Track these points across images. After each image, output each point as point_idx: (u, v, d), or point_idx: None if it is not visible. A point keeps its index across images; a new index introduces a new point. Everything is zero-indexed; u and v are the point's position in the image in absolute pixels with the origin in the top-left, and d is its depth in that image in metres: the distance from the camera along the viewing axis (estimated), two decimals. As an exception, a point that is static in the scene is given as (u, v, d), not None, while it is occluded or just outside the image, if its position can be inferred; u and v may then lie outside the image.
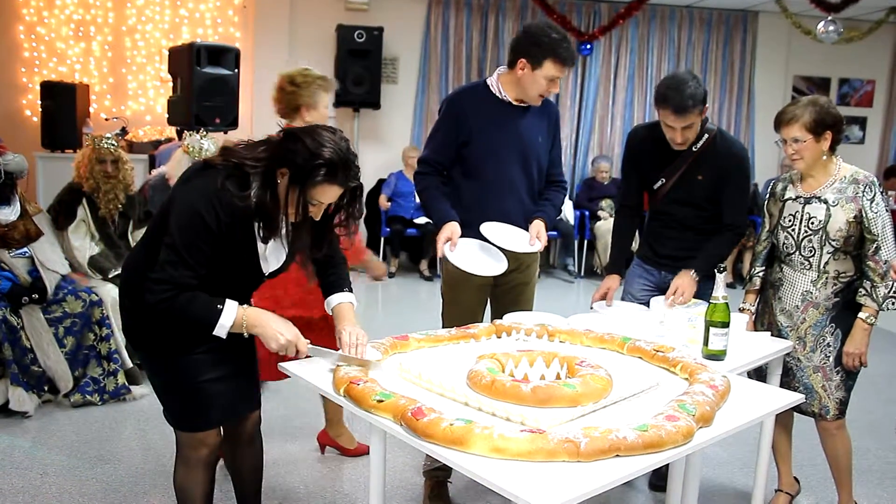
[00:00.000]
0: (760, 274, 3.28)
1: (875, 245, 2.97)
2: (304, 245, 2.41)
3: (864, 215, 2.99)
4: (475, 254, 3.13)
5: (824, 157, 3.04)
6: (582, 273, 8.68)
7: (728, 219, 3.28)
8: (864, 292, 3.01)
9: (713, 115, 9.24)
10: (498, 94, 3.22)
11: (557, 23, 8.33)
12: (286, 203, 2.26)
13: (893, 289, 2.92)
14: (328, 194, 2.27)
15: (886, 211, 3.00)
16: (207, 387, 2.39)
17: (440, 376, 2.18)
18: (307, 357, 2.38)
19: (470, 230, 3.17)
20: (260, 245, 2.37)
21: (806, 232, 3.07)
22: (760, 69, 9.52)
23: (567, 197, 8.64)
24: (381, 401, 2.02)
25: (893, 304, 2.98)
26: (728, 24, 9.35)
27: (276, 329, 2.29)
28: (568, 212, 8.54)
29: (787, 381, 3.13)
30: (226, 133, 5.71)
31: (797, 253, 3.10)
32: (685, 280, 3.11)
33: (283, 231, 2.32)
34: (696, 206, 3.30)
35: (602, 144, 9.14)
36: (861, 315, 3.02)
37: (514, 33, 8.72)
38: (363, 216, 2.52)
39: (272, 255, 2.42)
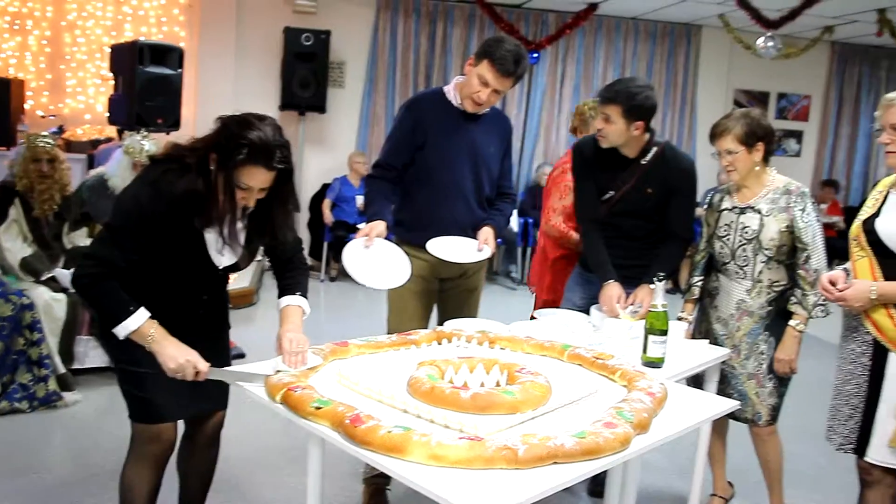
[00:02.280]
0: (699, 283, 3.33)
1: (806, 254, 3.04)
2: (239, 235, 2.39)
3: (795, 225, 3.05)
4: (382, 261, 3.04)
5: (757, 169, 3.11)
6: (525, 280, 8.70)
7: (676, 229, 3.32)
8: (794, 300, 3.08)
9: (657, 127, 9.35)
10: (453, 102, 3.22)
11: (505, 31, 8.46)
12: (216, 189, 2.25)
13: (822, 297, 2.95)
14: (254, 177, 2.25)
15: (817, 221, 3.07)
16: (161, 379, 2.33)
17: (379, 383, 2.16)
18: (211, 377, 2.33)
19: (419, 234, 3.17)
20: (209, 237, 2.36)
21: (740, 241, 3.13)
22: (703, 82, 9.70)
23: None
24: (320, 408, 1.99)
25: (823, 311, 3.04)
26: (672, 36, 9.51)
27: (172, 351, 2.26)
28: (512, 219, 8.57)
29: (723, 388, 3.17)
30: (168, 134, 5.60)
31: (732, 262, 3.16)
32: (645, 291, 3.14)
33: (222, 221, 2.31)
34: (644, 218, 3.33)
35: (547, 152, 9.21)
36: (791, 323, 3.09)
37: (462, 41, 8.77)
38: (299, 209, 2.51)
39: (226, 249, 2.39)
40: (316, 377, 2.30)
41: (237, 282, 6.19)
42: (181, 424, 2.64)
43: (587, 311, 3.22)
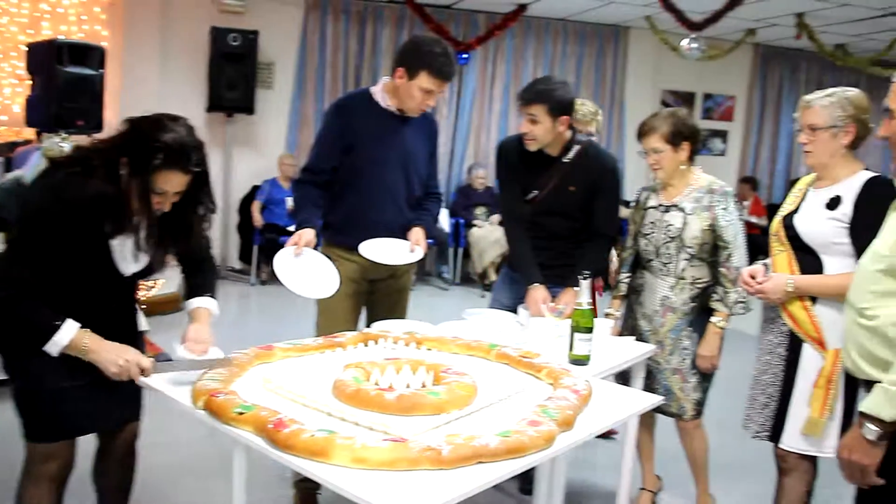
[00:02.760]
0: (626, 280, 3.38)
1: (727, 252, 3.11)
2: (153, 241, 2.31)
3: (717, 224, 3.12)
4: (312, 270, 3.04)
5: (683, 167, 3.17)
6: (457, 280, 8.74)
7: (600, 227, 3.35)
8: (716, 297, 3.14)
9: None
10: (381, 103, 3.21)
11: (434, 31, 8.45)
12: (129, 194, 2.18)
13: (743, 294, 3.04)
14: (170, 181, 2.19)
15: (739, 220, 3.14)
16: (61, 394, 2.26)
17: (304, 386, 2.13)
18: (156, 372, 2.26)
19: (349, 236, 3.16)
20: (114, 244, 2.27)
21: (664, 239, 3.18)
22: (631, 82, 9.85)
23: (444, 206, 8.72)
24: (242, 413, 1.96)
25: (743, 308, 3.11)
26: (600, 37, 9.63)
27: (112, 355, 2.19)
28: (443, 219, 8.58)
29: (649, 383, 3.22)
30: (90, 136, 5.45)
31: (656, 259, 3.21)
32: (570, 295, 3.16)
33: (135, 227, 2.23)
34: (568, 217, 3.35)
35: (478, 153, 9.24)
36: (713, 319, 3.15)
37: (392, 41, 8.74)
38: (215, 210, 2.43)
39: (131, 255, 2.31)
40: (240, 382, 2.26)
41: (163, 287, 6.07)
42: (93, 440, 2.55)
43: (515, 311, 3.24)
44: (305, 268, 3.02)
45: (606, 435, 4.11)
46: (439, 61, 3.06)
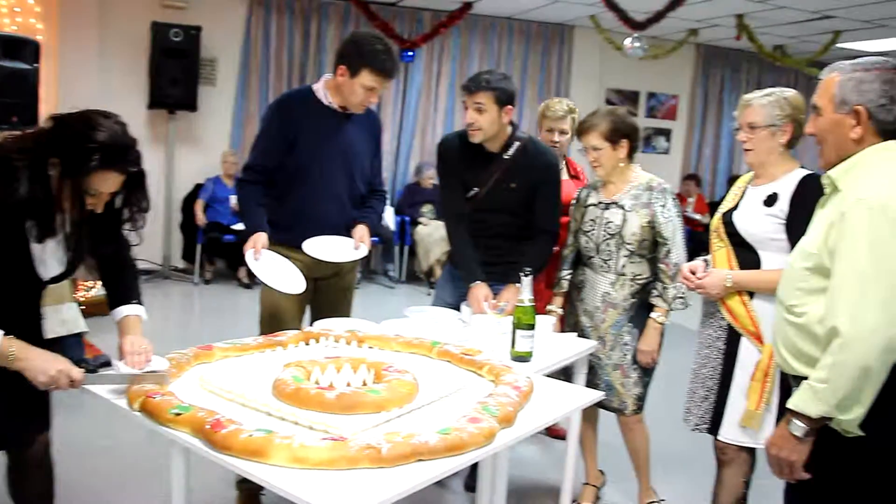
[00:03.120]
0: (567, 277, 3.40)
1: (666, 249, 3.15)
2: (86, 244, 2.23)
3: (656, 220, 3.16)
4: (278, 268, 3.09)
5: (622, 165, 3.21)
6: (403, 278, 8.72)
7: (542, 224, 3.37)
8: (656, 293, 3.19)
9: (532, 124, 9.53)
10: (323, 101, 3.20)
11: (379, 29, 8.41)
12: (60, 196, 2.08)
13: (682, 290, 3.09)
14: (106, 183, 2.11)
15: (678, 217, 3.19)
16: None
17: (243, 386, 2.11)
18: (87, 384, 2.16)
19: (293, 234, 3.14)
20: (35, 246, 2.17)
21: (604, 236, 3.21)
22: (576, 81, 9.92)
23: (388, 203, 8.70)
24: (179, 414, 1.93)
25: (682, 304, 3.16)
26: (546, 36, 9.68)
27: (41, 364, 2.07)
28: (389, 217, 8.56)
29: (591, 378, 3.25)
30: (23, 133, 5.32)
31: (597, 256, 3.24)
32: (511, 292, 3.15)
33: (63, 230, 2.14)
34: (510, 213, 3.36)
35: (423, 150, 9.21)
36: (652, 315, 3.19)
37: (336, 39, 8.67)
38: (149, 209, 2.34)
39: (52, 258, 2.23)
40: (178, 383, 2.22)
41: (100, 289, 5.93)
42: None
43: (458, 308, 3.24)
44: (271, 267, 3.05)
45: (558, 435, 4.14)
46: (381, 59, 3.06)
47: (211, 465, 1.76)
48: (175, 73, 7.75)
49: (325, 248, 3.15)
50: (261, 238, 3.06)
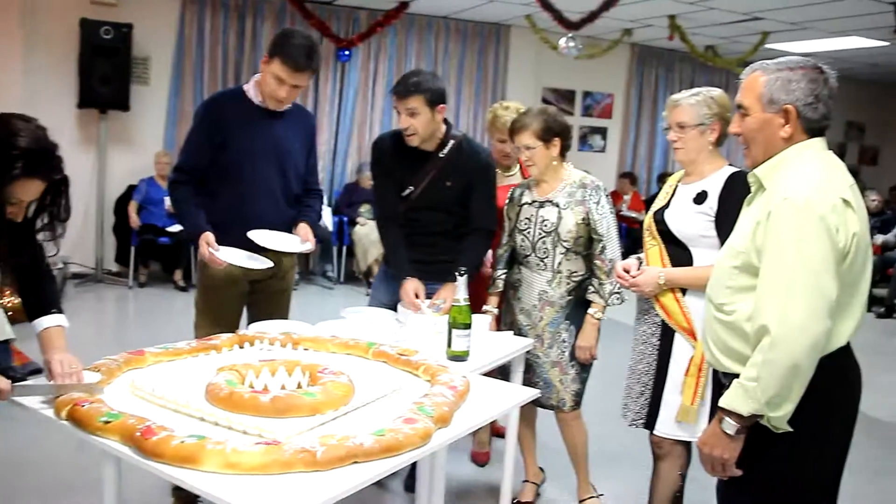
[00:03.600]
0: (502, 276, 3.42)
1: (601, 245, 3.19)
2: (2, 253, 2.14)
3: (591, 217, 3.19)
4: (240, 254, 3.12)
5: (555, 163, 3.24)
6: (342, 279, 8.68)
7: (477, 222, 3.38)
8: (592, 289, 3.22)
9: (469, 124, 9.58)
10: (254, 100, 3.18)
11: (315, 28, 8.37)
12: None
13: (618, 286, 3.13)
14: (29, 190, 2.04)
15: (611, 213, 3.23)
16: None
17: (175, 391, 2.07)
18: (16, 397, 2.07)
19: (227, 235, 3.10)
20: None
21: (540, 234, 3.24)
22: (513, 80, 9.99)
23: (326, 203, 8.64)
24: (109, 422, 1.88)
25: (618, 299, 3.19)
26: (482, 36, 9.73)
27: None
28: (327, 218, 8.51)
29: (529, 377, 3.28)
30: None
31: (533, 254, 3.27)
32: (449, 289, 3.17)
33: None
34: (445, 212, 3.37)
35: (361, 150, 9.16)
36: (590, 311, 3.23)
37: (272, 37, 8.57)
38: (69, 217, 2.26)
39: None
40: (108, 390, 2.17)
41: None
42: None
43: (395, 309, 3.24)
44: (231, 255, 3.08)
45: (499, 433, 4.15)
46: (294, 51, 3.03)
47: (145, 473, 1.73)
48: (106, 72, 7.61)
49: (270, 238, 3.15)
50: (208, 237, 3.05)
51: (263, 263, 3.13)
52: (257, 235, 3.12)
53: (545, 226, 3.24)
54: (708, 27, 8.97)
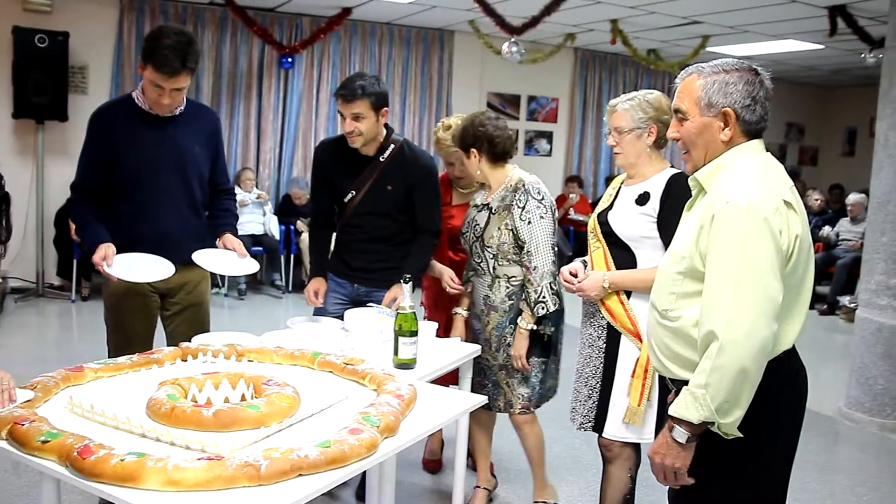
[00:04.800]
0: (469, 279, 3.40)
1: (526, 251, 3.14)
2: None
3: (513, 222, 3.15)
4: (138, 264, 2.98)
5: (481, 171, 3.27)
6: (290, 288, 8.59)
7: (422, 224, 3.39)
8: (523, 297, 3.18)
9: (414, 129, 9.57)
10: (143, 106, 3.03)
11: (258, 35, 8.31)
12: None
13: (543, 294, 3.08)
14: None
15: (541, 218, 3.13)
16: None
17: (115, 407, 2.02)
18: None
19: (131, 250, 3.01)
20: None
21: (472, 238, 3.26)
22: (457, 85, 10.00)
23: (272, 212, 8.57)
24: (47, 441, 1.83)
25: (542, 308, 3.10)
26: (426, 41, 9.73)
27: None
28: (273, 227, 8.43)
29: (480, 380, 3.28)
30: None
31: (471, 258, 3.28)
32: (399, 289, 3.16)
33: None
34: (388, 216, 3.36)
35: (306, 157, 9.08)
36: (518, 320, 3.17)
37: (214, 45, 8.50)
38: (10, 237, 2.20)
39: None
40: (47, 407, 2.11)
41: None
42: None
43: (341, 318, 3.21)
44: (129, 266, 2.95)
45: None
46: (163, 54, 2.85)
47: (88, 494, 1.68)
48: (41, 81, 7.45)
49: (215, 261, 3.09)
50: (105, 247, 2.92)
51: (158, 275, 2.97)
52: (203, 257, 3.04)
53: (476, 230, 3.25)
54: (650, 31, 9.09)
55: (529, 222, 3.13)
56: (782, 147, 12.83)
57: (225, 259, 3.14)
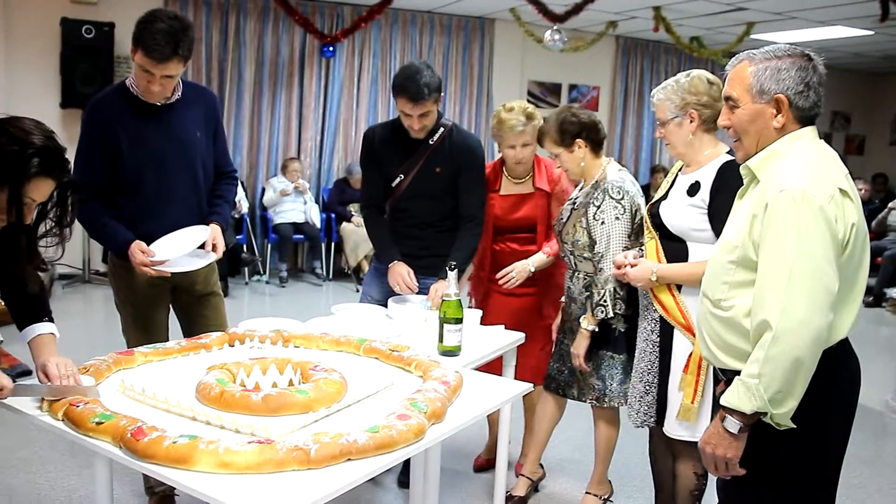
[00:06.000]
0: None
1: (597, 251, 3.05)
2: (22, 257, 2.09)
3: (587, 221, 3.08)
4: (179, 249, 2.89)
5: (583, 164, 3.17)
6: (331, 276, 8.66)
7: (469, 208, 3.39)
8: (588, 296, 3.11)
9: (454, 118, 9.55)
10: (140, 95, 2.88)
11: (299, 24, 8.34)
12: None
13: (604, 297, 2.99)
14: (42, 189, 2.00)
15: (616, 219, 3.02)
16: None
17: (166, 391, 2.06)
18: (17, 395, 2.05)
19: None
20: None
21: (556, 230, 3.26)
22: (498, 74, 9.96)
23: (315, 201, 8.61)
24: (101, 423, 1.87)
25: (602, 311, 3.01)
26: (467, 30, 9.70)
27: None
28: (314, 215, 8.49)
29: (559, 366, 3.29)
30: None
31: (561, 249, 3.27)
32: (442, 284, 3.14)
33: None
34: (436, 199, 3.37)
35: (347, 146, 9.14)
36: (580, 320, 3.11)
37: (256, 35, 8.54)
38: (74, 221, 2.22)
39: None
40: (99, 389, 2.15)
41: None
42: None
43: (385, 305, 3.22)
44: (173, 252, 2.87)
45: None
46: (153, 39, 2.69)
47: (122, 479, 1.69)
48: (88, 71, 7.55)
49: (172, 254, 2.89)
50: (139, 245, 2.82)
51: (209, 258, 2.91)
52: (161, 248, 2.87)
53: (559, 223, 3.23)
54: (693, 18, 8.98)
55: (603, 223, 3.04)
56: (827, 136, 12.59)
57: (180, 248, 2.93)
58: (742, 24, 9.13)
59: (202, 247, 2.96)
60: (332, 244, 8.63)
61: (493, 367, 3.14)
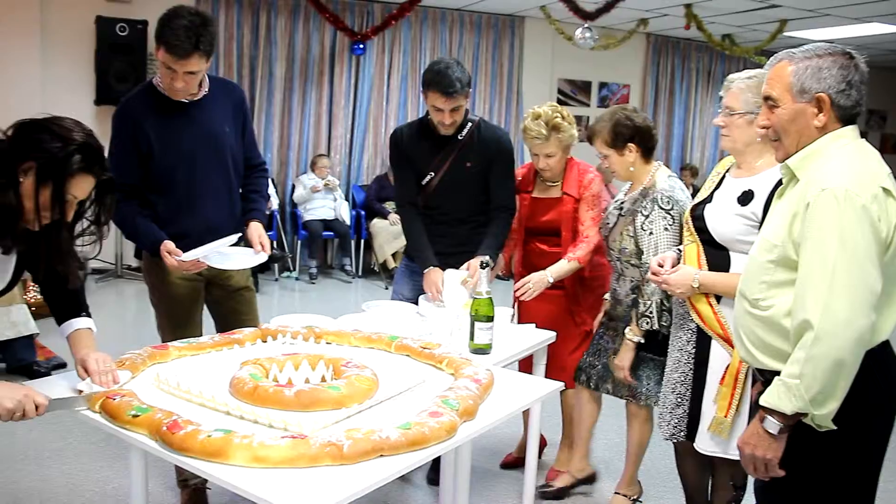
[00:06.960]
0: None
1: (644, 260, 2.96)
2: (43, 255, 2.10)
3: (635, 229, 3.00)
4: (224, 249, 2.92)
5: (632, 169, 3.07)
6: (360, 273, 8.68)
7: (498, 201, 3.39)
8: (633, 307, 3.04)
9: (484, 116, 9.53)
10: (166, 93, 2.89)
11: (329, 22, 8.37)
12: (33, 204, 1.97)
13: (651, 308, 2.90)
14: (83, 187, 2.02)
15: (664, 230, 2.92)
16: None
17: (200, 385, 2.08)
18: (50, 410, 2.01)
19: (181, 247, 2.88)
20: None
21: (604, 235, 3.21)
22: (528, 71, 9.95)
23: (344, 198, 8.64)
24: (137, 415, 1.90)
25: (647, 322, 2.92)
26: (497, 27, 9.69)
27: (7, 389, 1.94)
28: (344, 212, 8.52)
29: (591, 360, 3.26)
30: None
31: (608, 252, 3.22)
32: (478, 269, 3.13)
33: (24, 240, 2.03)
34: (466, 194, 3.38)
35: (377, 144, 9.17)
36: (625, 331, 3.03)
37: (287, 32, 8.59)
38: (110, 221, 2.25)
39: (6, 271, 2.14)
40: (135, 383, 2.19)
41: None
42: None
43: (416, 302, 3.23)
44: (219, 250, 2.88)
45: None
46: (174, 35, 2.69)
47: (153, 471, 1.71)
48: (122, 69, 7.63)
49: (223, 256, 2.93)
50: (166, 246, 2.83)
51: (258, 258, 2.93)
52: (204, 254, 2.85)
53: (605, 228, 3.18)
54: (725, 16, 8.90)
55: (651, 233, 2.94)
56: (863, 135, 12.17)
57: (231, 253, 2.98)
58: (775, 22, 9.03)
59: (248, 245, 3.00)
60: (362, 241, 8.66)
61: (522, 366, 3.15)
